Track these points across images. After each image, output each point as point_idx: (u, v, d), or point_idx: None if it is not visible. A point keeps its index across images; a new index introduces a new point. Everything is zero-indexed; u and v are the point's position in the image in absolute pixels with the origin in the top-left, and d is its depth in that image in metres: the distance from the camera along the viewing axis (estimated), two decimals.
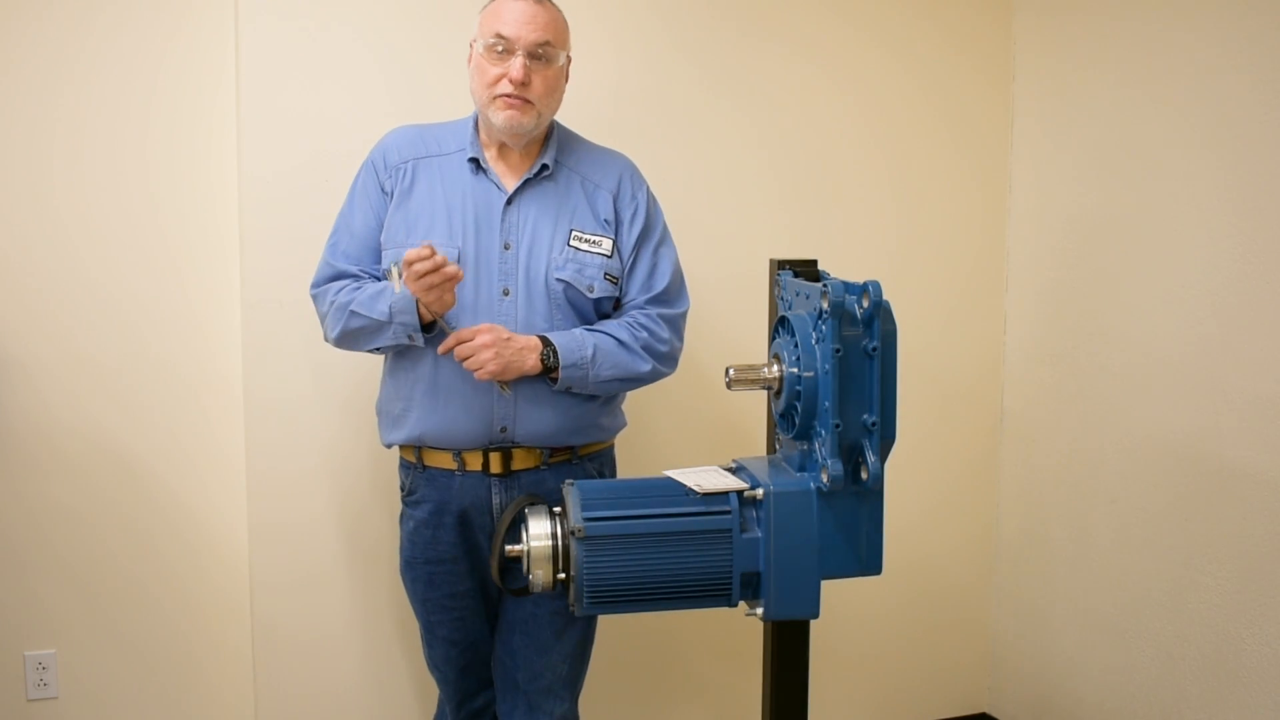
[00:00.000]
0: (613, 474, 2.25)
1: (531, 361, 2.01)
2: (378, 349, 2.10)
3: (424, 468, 2.12)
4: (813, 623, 1.87)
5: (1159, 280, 2.61)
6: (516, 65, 2.01)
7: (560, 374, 2.02)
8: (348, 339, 2.08)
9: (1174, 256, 2.57)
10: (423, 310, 1.98)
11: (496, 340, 1.99)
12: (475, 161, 2.10)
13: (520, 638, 2.17)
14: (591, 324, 2.12)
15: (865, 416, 1.74)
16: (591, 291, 2.10)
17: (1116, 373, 2.72)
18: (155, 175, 2.47)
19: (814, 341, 1.76)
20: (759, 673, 2.07)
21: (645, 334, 2.12)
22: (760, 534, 1.77)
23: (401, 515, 2.21)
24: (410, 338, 2.01)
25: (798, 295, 1.87)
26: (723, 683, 2.93)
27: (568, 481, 1.84)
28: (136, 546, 2.55)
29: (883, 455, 1.74)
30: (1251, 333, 2.39)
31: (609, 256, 2.11)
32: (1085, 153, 2.81)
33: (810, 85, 2.87)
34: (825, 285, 1.72)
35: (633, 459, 2.46)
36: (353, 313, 2.04)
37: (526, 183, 2.10)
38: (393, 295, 2.00)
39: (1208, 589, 2.50)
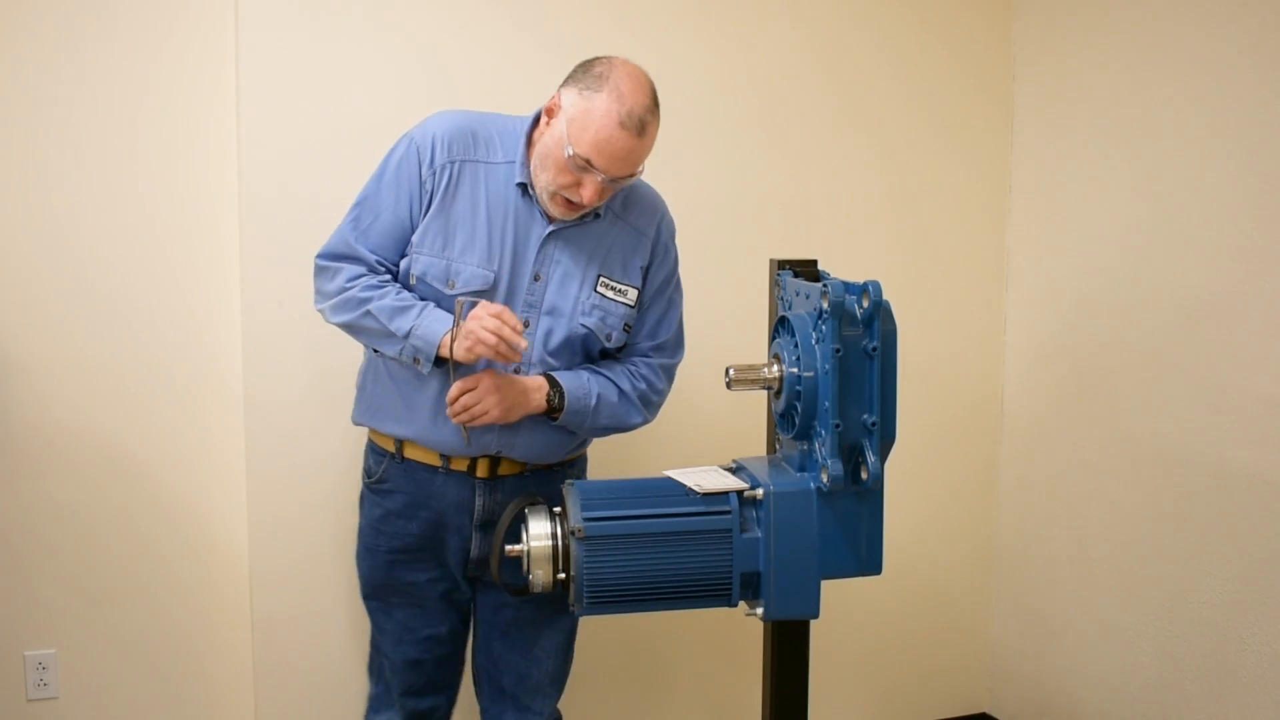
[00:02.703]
0: (583, 476, 2.24)
1: (536, 401, 1.98)
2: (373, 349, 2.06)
3: (403, 459, 2.07)
4: (813, 623, 1.87)
5: (1160, 280, 2.60)
6: (591, 189, 1.90)
7: (562, 417, 2.01)
8: (349, 329, 2.02)
9: (1175, 256, 2.56)
10: (447, 348, 1.90)
11: (498, 385, 1.94)
12: (524, 186, 1.99)
13: (501, 642, 2.15)
14: (594, 362, 2.09)
15: (865, 416, 1.74)
16: (609, 340, 2.06)
17: (1117, 372, 2.71)
18: (156, 176, 2.46)
19: (814, 341, 1.77)
20: (759, 673, 2.07)
21: (644, 385, 2.10)
22: (760, 534, 1.77)
23: (363, 499, 2.14)
24: (415, 361, 1.95)
25: (798, 295, 1.87)
26: (722, 682, 2.92)
27: (568, 482, 1.84)
28: (137, 547, 2.54)
29: (883, 455, 1.75)
30: (1252, 333, 2.38)
31: (631, 306, 2.06)
32: (1086, 152, 2.80)
33: (811, 85, 2.86)
34: (825, 285, 1.72)
35: (633, 459, 2.46)
36: (368, 313, 1.95)
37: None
38: (416, 313, 1.92)
39: (1208, 590, 2.49)
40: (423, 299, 1.97)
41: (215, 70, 2.46)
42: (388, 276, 2.00)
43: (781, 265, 1.97)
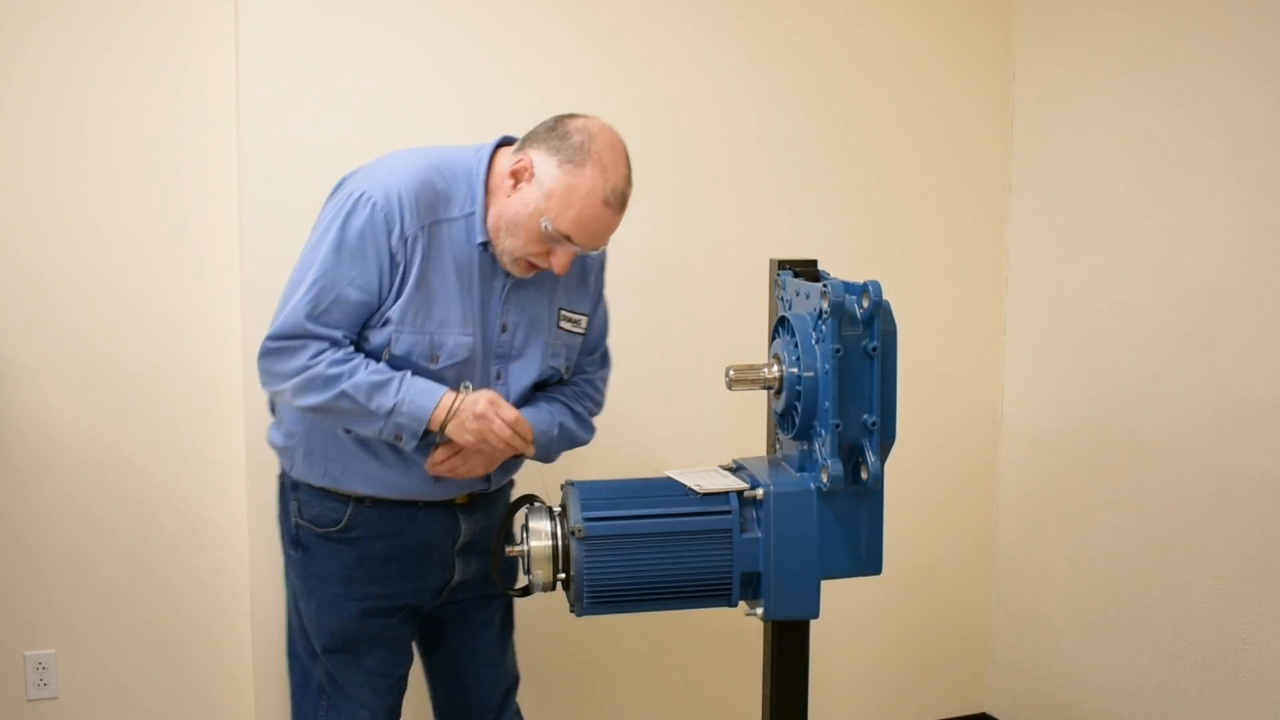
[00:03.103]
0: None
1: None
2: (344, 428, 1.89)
3: (374, 502, 1.94)
4: (813, 623, 1.87)
5: (1159, 280, 2.60)
6: (564, 260, 1.84)
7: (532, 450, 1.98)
8: (316, 411, 1.83)
9: (1174, 256, 2.55)
10: (439, 424, 1.82)
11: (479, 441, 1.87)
12: (486, 244, 1.89)
13: (468, 659, 2.10)
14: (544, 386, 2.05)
15: (865, 416, 1.75)
16: (567, 373, 2.03)
17: (1116, 373, 2.71)
18: (157, 176, 2.46)
19: (814, 341, 1.77)
20: (759, 672, 2.07)
21: (591, 403, 2.08)
22: (760, 534, 1.77)
23: (308, 551, 1.98)
24: (397, 438, 1.83)
25: (798, 295, 1.87)
26: (723, 683, 2.92)
27: (568, 481, 1.84)
28: (137, 547, 2.54)
29: (883, 455, 1.76)
30: (1252, 333, 2.38)
31: (584, 332, 2.02)
32: (1085, 152, 2.80)
33: (810, 83, 2.85)
34: (825, 285, 1.73)
35: (633, 459, 2.47)
36: (343, 393, 1.78)
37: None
38: (396, 388, 1.80)
39: (1207, 589, 2.48)
40: (396, 368, 1.85)
41: (217, 69, 2.46)
42: (351, 349, 1.84)
43: (781, 265, 1.98)
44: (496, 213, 1.85)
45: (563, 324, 1.98)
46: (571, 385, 2.06)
